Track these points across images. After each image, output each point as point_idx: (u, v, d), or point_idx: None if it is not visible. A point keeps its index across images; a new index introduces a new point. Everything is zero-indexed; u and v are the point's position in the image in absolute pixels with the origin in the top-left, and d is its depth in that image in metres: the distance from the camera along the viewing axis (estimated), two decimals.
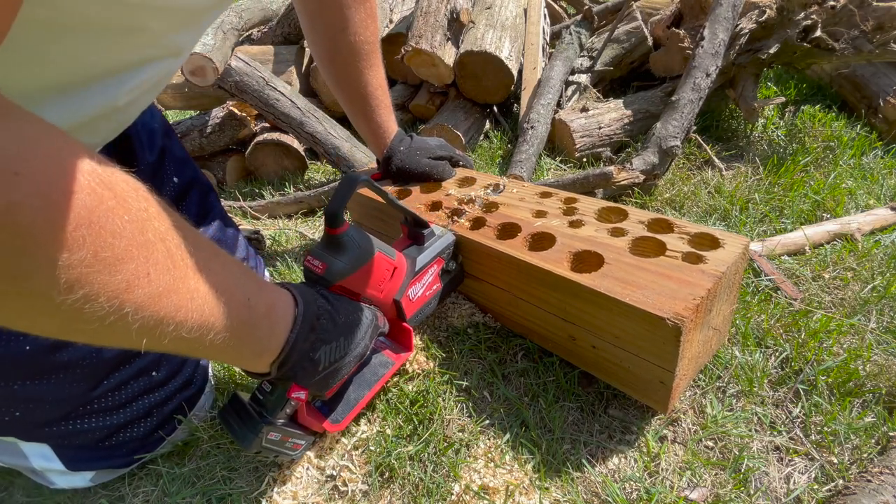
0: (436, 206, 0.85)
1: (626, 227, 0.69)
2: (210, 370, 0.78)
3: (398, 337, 0.71)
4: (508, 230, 0.75)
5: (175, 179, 0.82)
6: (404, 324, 0.70)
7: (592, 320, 0.63)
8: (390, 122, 0.89)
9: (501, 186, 0.87)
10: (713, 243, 0.64)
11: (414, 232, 0.73)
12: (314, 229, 1.31)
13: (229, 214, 1.38)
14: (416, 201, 0.88)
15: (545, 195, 0.83)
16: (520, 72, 1.62)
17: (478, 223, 0.78)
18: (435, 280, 0.75)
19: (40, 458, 0.63)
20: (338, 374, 0.57)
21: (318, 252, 0.59)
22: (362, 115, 0.87)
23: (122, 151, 0.74)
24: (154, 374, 0.66)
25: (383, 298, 0.66)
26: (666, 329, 0.53)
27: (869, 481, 0.56)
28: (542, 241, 0.71)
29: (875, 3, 1.26)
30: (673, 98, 1.25)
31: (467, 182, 0.92)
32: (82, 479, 0.66)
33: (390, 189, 0.94)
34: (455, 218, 0.81)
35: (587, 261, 0.66)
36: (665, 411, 0.63)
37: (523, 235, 0.72)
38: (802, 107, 1.60)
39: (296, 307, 0.53)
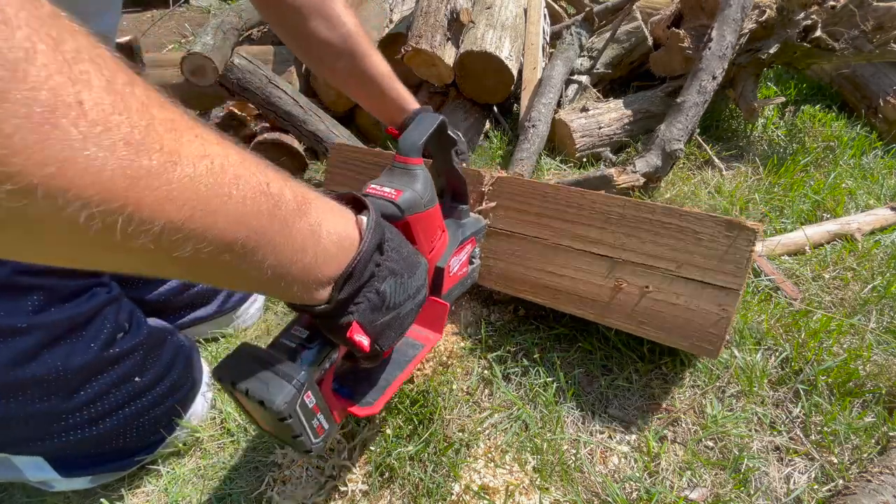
0: None
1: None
2: (204, 367, 0.77)
3: (428, 315, 0.58)
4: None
5: None
6: (439, 300, 0.59)
7: (655, 249, 0.66)
8: (407, 93, 0.87)
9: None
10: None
11: (451, 206, 0.67)
12: None
13: None
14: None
15: None
16: (520, 72, 1.62)
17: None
18: (466, 262, 0.67)
19: (35, 471, 0.63)
20: (400, 324, 0.45)
21: (386, 180, 0.50)
22: (378, 93, 0.84)
23: None
24: (137, 379, 0.65)
25: (429, 259, 0.55)
26: (746, 230, 0.60)
27: (869, 481, 0.56)
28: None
29: (875, 3, 1.26)
30: (678, 100, 1.24)
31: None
32: (82, 482, 0.66)
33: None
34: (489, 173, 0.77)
35: None
36: (716, 354, 0.62)
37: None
38: (802, 107, 1.60)
39: (357, 213, 0.42)
